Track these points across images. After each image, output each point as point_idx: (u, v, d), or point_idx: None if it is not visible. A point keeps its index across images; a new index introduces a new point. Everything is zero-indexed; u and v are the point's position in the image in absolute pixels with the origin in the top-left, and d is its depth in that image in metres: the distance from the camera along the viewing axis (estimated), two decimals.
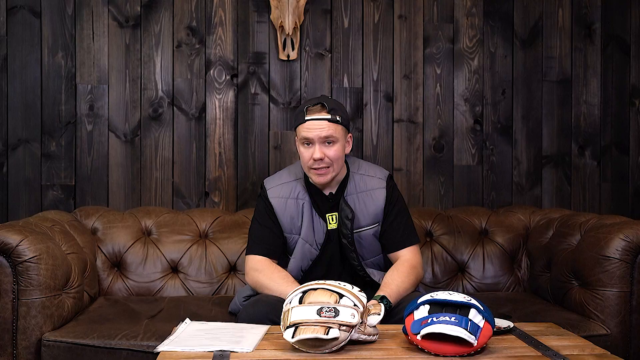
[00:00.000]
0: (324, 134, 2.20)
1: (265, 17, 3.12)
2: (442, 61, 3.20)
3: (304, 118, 2.22)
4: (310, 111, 2.22)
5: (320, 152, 2.20)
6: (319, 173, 2.24)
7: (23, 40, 3.05)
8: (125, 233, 2.85)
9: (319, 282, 1.81)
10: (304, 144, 2.24)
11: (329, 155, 2.22)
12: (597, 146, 3.26)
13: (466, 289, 2.89)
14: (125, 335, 2.22)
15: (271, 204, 2.36)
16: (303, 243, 2.34)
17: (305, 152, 2.24)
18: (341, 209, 2.32)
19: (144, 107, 3.11)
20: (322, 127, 2.20)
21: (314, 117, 2.21)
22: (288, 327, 1.72)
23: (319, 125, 2.20)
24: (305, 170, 2.29)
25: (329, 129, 2.20)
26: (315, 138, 2.20)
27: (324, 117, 2.20)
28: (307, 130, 2.21)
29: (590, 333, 2.32)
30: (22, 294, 2.23)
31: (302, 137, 2.23)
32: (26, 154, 3.06)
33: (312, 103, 2.25)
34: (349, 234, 2.30)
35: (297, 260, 2.35)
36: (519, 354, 1.72)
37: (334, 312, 1.70)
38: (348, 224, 2.29)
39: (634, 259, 2.39)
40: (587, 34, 3.25)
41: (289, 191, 2.35)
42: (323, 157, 2.21)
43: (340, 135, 2.24)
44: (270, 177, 2.46)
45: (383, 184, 2.38)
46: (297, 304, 1.75)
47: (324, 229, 2.33)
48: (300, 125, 2.24)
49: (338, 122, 2.22)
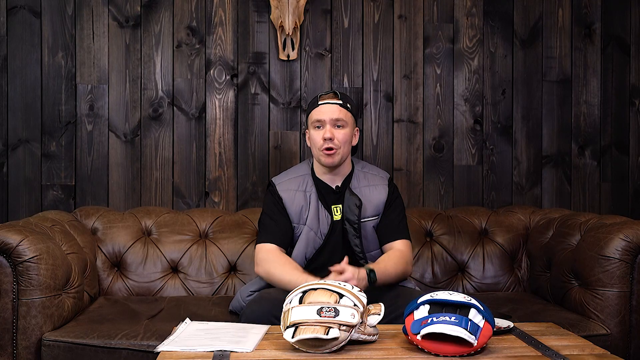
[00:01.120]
0: (335, 116, 2.37)
1: (265, 17, 3.13)
2: (442, 61, 3.21)
3: (317, 103, 2.40)
4: (324, 97, 2.41)
5: (330, 132, 2.36)
6: (328, 154, 2.37)
7: (23, 40, 3.06)
8: (126, 233, 2.86)
9: (319, 282, 1.81)
10: (316, 127, 2.39)
11: (338, 138, 2.37)
12: (597, 146, 3.26)
13: (466, 289, 2.89)
14: (126, 335, 2.22)
15: (280, 197, 2.45)
16: (308, 231, 2.41)
17: (316, 134, 2.39)
18: (347, 198, 2.41)
19: (144, 107, 3.11)
20: (334, 110, 2.37)
21: (327, 102, 2.39)
22: (288, 327, 1.73)
23: (331, 108, 2.38)
24: (315, 153, 2.41)
25: (340, 112, 2.38)
26: (327, 119, 2.37)
27: (335, 101, 2.39)
28: (319, 113, 2.38)
29: (590, 333, 2.32)
30: (22, 293, 2.24)
31: (315, 119, 2.39)
32: (26, 154, 3.06)
33: (324, 92, 2.45)
34: (356, 220, 2.40)
35: (302, 248, 2.41)
36: (519, 354, 1.72)
37: (334, 312, 1.70)
38: (356, 210, 2.40)
39: (633, 259, 2.39)
40: (587, 34, 3.25)
41: (297, 184, 2.46)
42: (333, 137, 2.35)
43: (350, 121, 2.40)
44: (278, 175, 2.55)
45: (385, 182, 2.51)
46: (297, 304, 1.75)
47: (328, 220, 2.42)
48: (313, 110, 2.41)
49: (348, 109, 2.40)
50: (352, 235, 2.41)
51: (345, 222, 2.41)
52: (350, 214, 2.40)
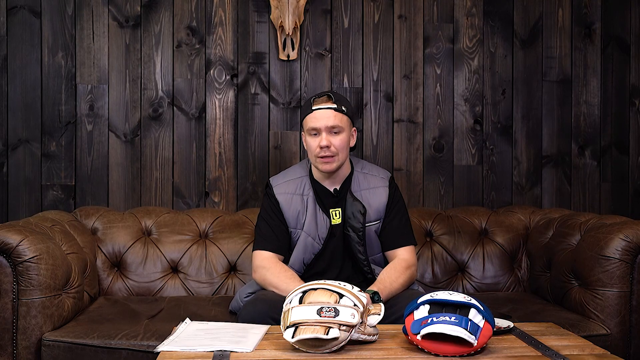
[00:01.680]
0: (330, 123, 2.28)
1: (265, 17, 3.13)
2: (442, 61, 3.21)
3: (311, 108, 2.31)
4: (317, 102, 2.32)
5: (326, 139, 2.28)
6: (325, 161, 2.31)
7: (23, 40, 3.06)
8: (126, 233, 2.86)
9: (319, 282, 1.81)
10: (311, 134, 2.32)
11: (335, 144, 2.30)
12: (597, 146, 3.27)
13: (466, 289, 2.89)
14: (126, 335, 2.22)
15: (277, 200, 2.40)
16: (306, 236, 2.37)
17: (312, 141, 2.32)
18: (350, 204, 2.37)
19: (144, 107, 3.11)
20: (329, 116, 2.29)
21: (320, 107, 2.30)
22: (288, 327, 1.73)
23: (326, 114, 2.29)
24: (312, 160, 2.35)
25: (335, 118, 2.29)
26: (322, 127, 2.29)
27: (330, 106, 2.30)
28: (314, 120, 2.30)
29: (590, 333, 2.32)
30: (22, 293, 2.24)
31: (310, 127, 2.31)
32: (26, 154, 3.07)
33: (318, 95, 2.36)
34: (361, 227, 2.35)
35: (300, 254, 2.38)
36: (519, 354, 1.72)
37: (334, 312, 1.70)
38: (360, 218, 2.35)
39: (633, 259, 2.39)
40: (587, 34, 3.25)
41: (294, 187, 2.41)
42: (329, 144, 2.28)
43: (346, 125, 2.33)
44: (276, 175, 2.50)
45: (386, 183, 2.45)
46: (297, 304, 1.75)
47: (327, 224, 2.37)
48: (307, 116, 2.33)
49: (344, 112, 2.32)
50: (355, 243, 2.36)
51: (349, 229, 2.37)
52: (355, 220, 2.36)
